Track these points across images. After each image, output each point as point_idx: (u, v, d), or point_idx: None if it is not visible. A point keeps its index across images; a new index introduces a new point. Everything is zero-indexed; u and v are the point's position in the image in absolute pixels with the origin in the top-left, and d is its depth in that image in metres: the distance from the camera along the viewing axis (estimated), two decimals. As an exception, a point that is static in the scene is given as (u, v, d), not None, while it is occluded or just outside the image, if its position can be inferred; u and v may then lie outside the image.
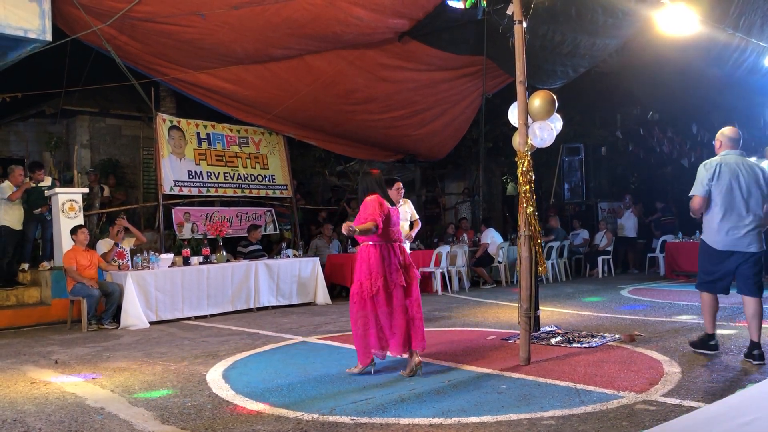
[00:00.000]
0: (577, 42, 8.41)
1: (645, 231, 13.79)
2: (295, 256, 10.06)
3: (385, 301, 4.66)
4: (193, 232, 10.39)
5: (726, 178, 4.92)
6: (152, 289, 8.02)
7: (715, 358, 4.90)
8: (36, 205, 8.81)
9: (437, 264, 10.59)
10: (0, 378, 5.12)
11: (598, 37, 8.44)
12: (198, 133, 11.02)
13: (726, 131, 5.21)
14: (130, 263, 8.52)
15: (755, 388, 3.99)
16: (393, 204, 4.92)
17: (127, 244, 8.81)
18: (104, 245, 8.58)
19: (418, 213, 7.65)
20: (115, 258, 8.45)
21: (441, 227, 14.46)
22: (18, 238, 8.84)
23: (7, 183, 8.71)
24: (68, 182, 10.15)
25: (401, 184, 6.38)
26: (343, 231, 4.65)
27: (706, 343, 5.12)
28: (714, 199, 4.96)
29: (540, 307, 7.23)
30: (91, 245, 8.48)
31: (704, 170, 5.01)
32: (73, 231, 8.09)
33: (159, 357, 5.80)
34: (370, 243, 4.76)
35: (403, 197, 6.95)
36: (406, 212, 7.12)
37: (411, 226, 7.19)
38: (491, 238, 11.66)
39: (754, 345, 4.77)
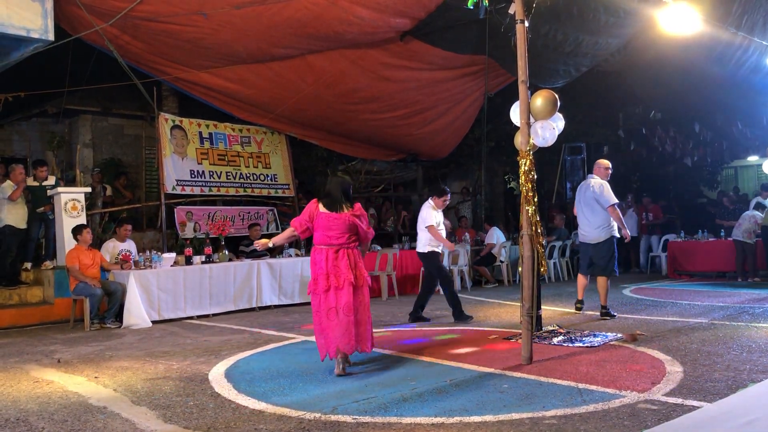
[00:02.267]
0: (579, 41, 8.40)
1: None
2: (297, 255, 10.07)
3: (319, 300, 4.93)
4: (195, 231, 10.40)
5: (578, 195, 7.53)
6: (155, 289, 8.03)
7: (717, 357, 4.90)
8: (39, 204, 8.82)
9: (439, 263, 10.59)
10: (3, 377, 5.13)
11: (600, 36, 8.43)
12: (200, 133, 11.03)
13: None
14: (132, 262, 8.53)
15: (756, 388, 3.99)
16: (337, 210, 4.98)
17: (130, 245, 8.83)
18: (110, 246, 8.64)
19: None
20: (119, 260, 8.46)
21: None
22: (21, 237, 8.85)
23: (8, 182, 8.72)
24: (71, 182, 10.16)
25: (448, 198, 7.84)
26: (258, 248, 5.04)
27: (575, 305, 7.67)
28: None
29: (542, 307, 7.23)
30: (94, 244, 8.49)
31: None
32: (77, 230, 8.10)
33: (161, 356, 5.82)
34: (315, 245, 5.04)
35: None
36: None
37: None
38: (497, 238, 11.67)
39: (603, 307, 7.25)
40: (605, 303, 7.24)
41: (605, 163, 7.52)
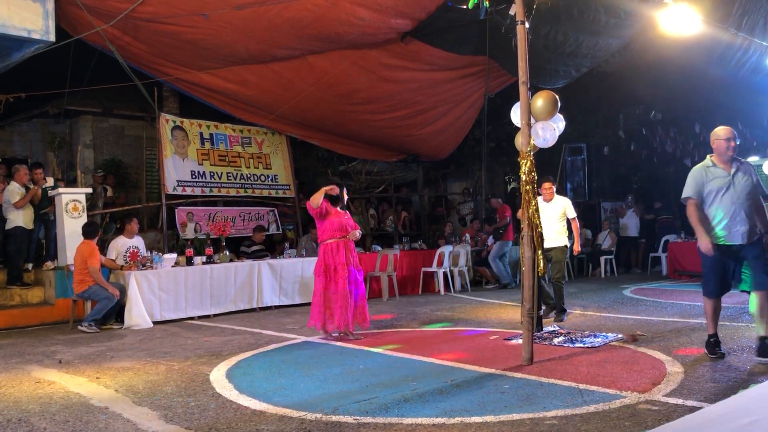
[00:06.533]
0: (580, 42, 8.41)
1: (647, 230, 13.77)
2: (299, 256, 10.08)
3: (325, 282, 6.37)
4: (196, 232, 10.41)
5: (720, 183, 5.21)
6: (156, 289, 8.04)
7: (717, 358, 4.90)
8: (41, 205, 8.83)
9: (440, 264, 10.60)
10: (4, 378, 5.14)
11: (600, 37, 8.44)
12: (201, 133, 11.04)
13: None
14: (140, 258, 8.51)
15: (758, 389, 3.99)
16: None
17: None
18: (118, 243, 8.65)
19: (421, 212, 7.78)
20: (128, 259, 8.44)
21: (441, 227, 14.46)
22: (27, 237, 8.84)
23: (14, 184, 8.70)
24: (72, 182, 10.17)
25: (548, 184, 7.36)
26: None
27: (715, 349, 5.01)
28: None
29: (543, 307, 7.24)
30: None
31: None
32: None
33: (162, 357, 5.82)
34: (324, 240, 6.50)
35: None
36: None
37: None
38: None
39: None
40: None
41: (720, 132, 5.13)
